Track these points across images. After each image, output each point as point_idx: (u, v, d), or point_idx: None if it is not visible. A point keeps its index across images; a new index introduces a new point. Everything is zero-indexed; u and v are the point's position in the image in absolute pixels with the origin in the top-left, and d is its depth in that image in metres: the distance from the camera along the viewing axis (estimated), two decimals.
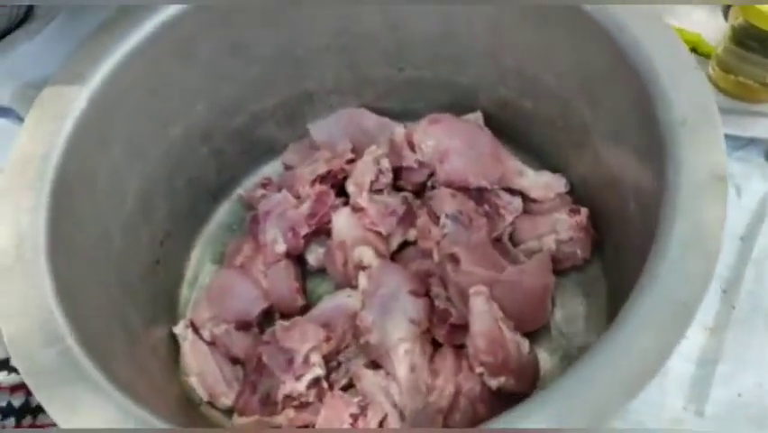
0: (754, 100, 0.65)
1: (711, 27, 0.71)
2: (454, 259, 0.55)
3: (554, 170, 0.62)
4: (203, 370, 0.57)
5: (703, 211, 0.39)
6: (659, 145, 0.43)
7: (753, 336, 0.54)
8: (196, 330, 0.59)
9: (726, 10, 0.68)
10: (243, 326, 0.59)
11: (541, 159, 0.64)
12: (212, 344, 0.58)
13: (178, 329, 0.59)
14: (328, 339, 0.56)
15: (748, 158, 0.64)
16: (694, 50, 0.70)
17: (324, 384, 0.54)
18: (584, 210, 0.58)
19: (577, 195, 0.61)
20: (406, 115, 0.66)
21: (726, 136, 0.61)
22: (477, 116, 0.64)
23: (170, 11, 0.52)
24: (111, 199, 0.53)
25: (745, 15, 0.60)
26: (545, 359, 0.56)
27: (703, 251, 0.38)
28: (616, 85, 0.49)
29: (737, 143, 0.64)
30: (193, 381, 0.57)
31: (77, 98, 0.49)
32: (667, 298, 0.37)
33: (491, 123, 0.64)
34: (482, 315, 0.52)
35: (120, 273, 0.54)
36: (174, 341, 0.59)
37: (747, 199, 0.61)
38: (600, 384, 0.36)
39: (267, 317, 0.60)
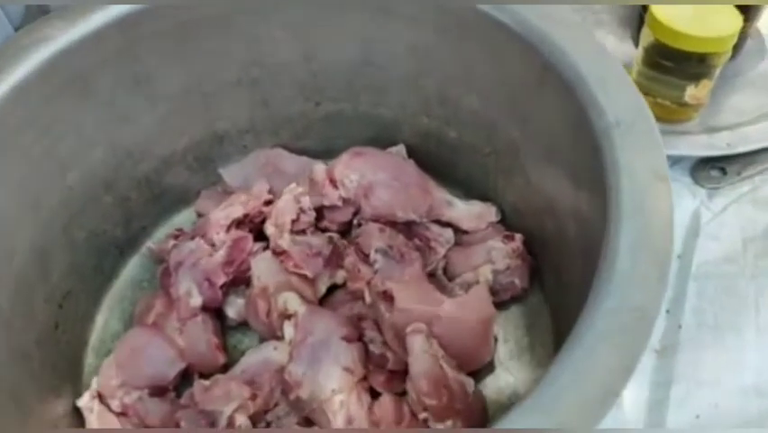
0: (674, 120, 0.66)
1: (621, 54, 0.71)
2: (388, 297, 0.51)
3: (484, 199, 0.60)
4: None
5: (649, 213, 0.37)
6: (595, 153, 0.41)
7: (703, 354, 0.53)
8: (103, 401, 0.52)
9: (636, 36, 0.69)
10: (158, 391, 0.53)
11: (469, 190, 0.61)
12: (123, 414, 0.52)
13: (82, 402, 0.52)
14: (254, 397, 0.51)
15: (675, 177, 0.63)
16: None
17: None
18: (518, 236, 0.56)
19: (509, 223, 0.59)
20: (325, 154, 0.63)
21: None
22: (399, 149, 0.61)
23: (61, 42, 0.48)
24: None
25: (656, 35, 0.60)
26: (492, 399, 0.52)
27: (655, 253, 0.35)
28: (543, 98, 0.47)
29: None
30: None
31: None
32: (623, 307, 0.34)
33: (415, 156, 0.61)
34: (422, 354, 0.49)
35: (9, 339, 0.47)
36: (78, 416, 0.52)
37: (680, 217, 0.60)
38: (562, 413, 0.32)
39: (185, 379, 0.54)
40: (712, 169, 0.64)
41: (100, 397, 0.52)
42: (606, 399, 0.32)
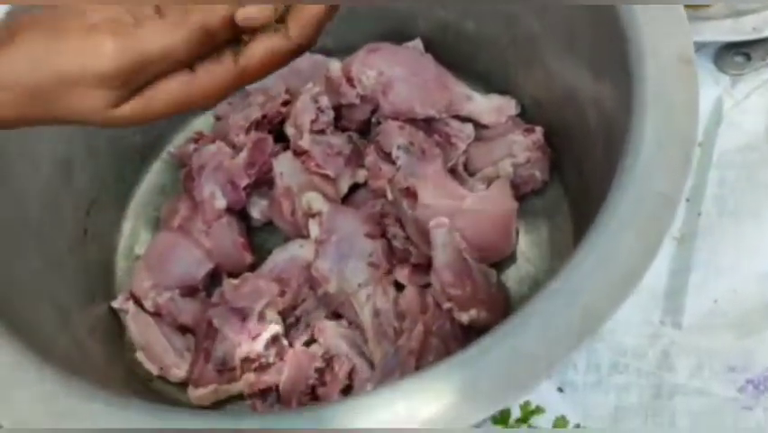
0: (697, 5, 0.63)
1: None
2: (411, 193, 0.52)
3: (503, 93, 0.59)
4: (149, 342, 0.53)
5: (674, 96, 0.37)
6: (618, 39, 0.40)
7: (722, 241, 0.53)
8: (137, 302, 0.54)
9: None
10: (189, 291, 0.55)
11: (488, 83, 0.60)
12: (156, 314, 0.54)
13: (117, 303, 0.54)
14: (283, 294, 0.52)
15: (697, 63, 0.61)
16: None
17: (284, 342, 0.51)
18: (538, 128, 0.55)
19: (529, 117, 0.58)
20: (339, 52, 0.61)
21: None
22: (416, 44, 0.60)
23: None
24: (23, 164, 0.48)
25: None
26: (514, 289, 0.53)
27: (679, 138, 0.35)
28: None
29: None
30: (139, 355, 0.53)
31: None
32: (647, 191, 0.34)
33: (432, 50, 0.60)
34: (445, 246, 0.49)
35: (42, 246, 0.49)
36: (115, 318, 0.55)
37: (702, 105, 0.58)
38: (588, 294, 0.33)
39: (214, 279, 0.55)
40: (736, 54, 0.62)
41: (134, 298, 0.54)
42: (630, 280, 0.32)
